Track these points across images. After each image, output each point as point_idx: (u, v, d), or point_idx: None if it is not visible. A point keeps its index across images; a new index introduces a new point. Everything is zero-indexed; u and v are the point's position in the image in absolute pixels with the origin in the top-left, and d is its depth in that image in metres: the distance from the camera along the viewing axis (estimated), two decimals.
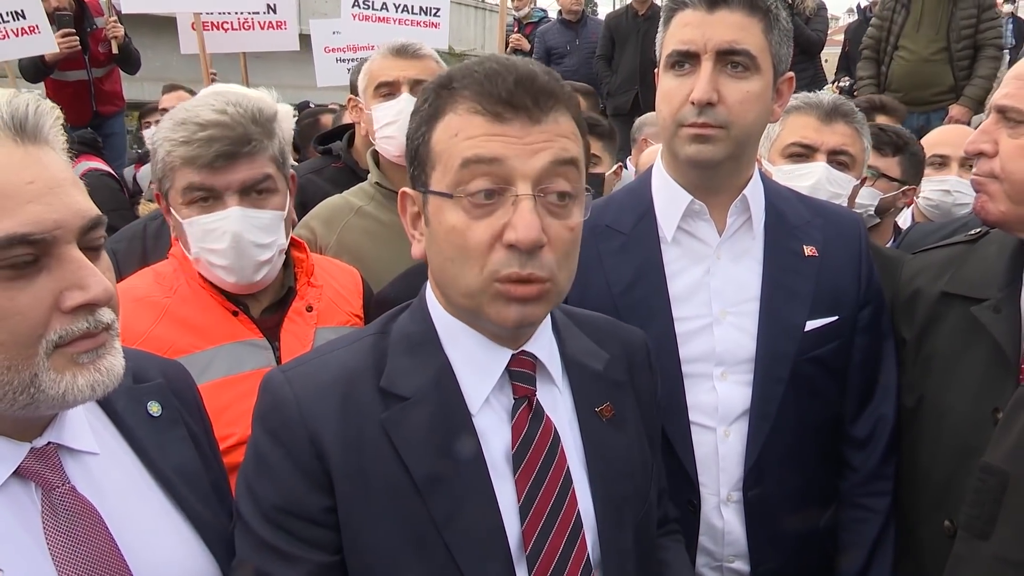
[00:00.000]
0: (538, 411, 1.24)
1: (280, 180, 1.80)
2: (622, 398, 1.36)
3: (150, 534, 1.14)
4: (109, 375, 1.05)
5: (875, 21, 5.74)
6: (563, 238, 1.16)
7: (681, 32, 1.63)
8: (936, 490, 1.68)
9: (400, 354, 1.23)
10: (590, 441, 1.29)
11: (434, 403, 1.19)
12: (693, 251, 1.74)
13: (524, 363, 1.25)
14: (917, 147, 2.80)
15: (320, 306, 1.91)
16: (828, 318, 1.73)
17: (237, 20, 5.46)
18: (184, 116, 1.70)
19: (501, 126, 1.12)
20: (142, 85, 7.80)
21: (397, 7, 5.03)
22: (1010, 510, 1.27)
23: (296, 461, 1.15)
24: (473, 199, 1.12)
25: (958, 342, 1.69)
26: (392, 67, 2.58)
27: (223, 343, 1.77)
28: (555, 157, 1.14)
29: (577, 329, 1.38)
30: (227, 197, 1.72)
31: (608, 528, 1.26)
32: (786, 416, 1.69)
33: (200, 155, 1.67)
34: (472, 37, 18.04)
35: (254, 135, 1.71)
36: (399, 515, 1.15)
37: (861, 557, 1.77)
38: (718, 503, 1.71)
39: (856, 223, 1.87)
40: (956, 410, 1.65)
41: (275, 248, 1.79)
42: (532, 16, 8.87)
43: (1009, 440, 1.32)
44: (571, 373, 1.32)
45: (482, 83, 1.13)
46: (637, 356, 1.44)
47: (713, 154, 1.63)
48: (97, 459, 1.14)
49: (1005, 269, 1.66)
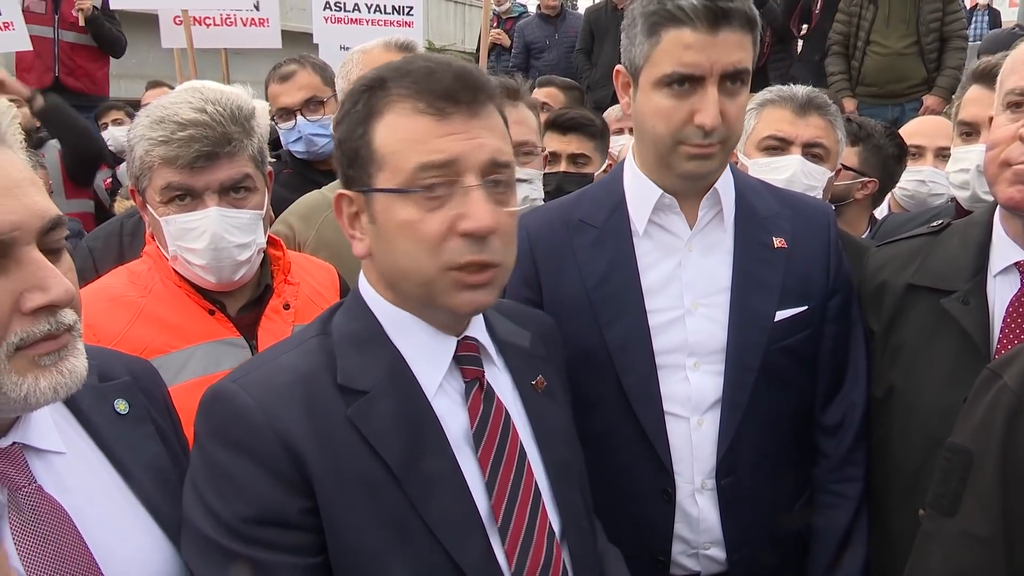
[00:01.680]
0: (489, 391, 1.31)
1: (259, 179, 1.80)
2: (548, 371, 1.44)
3: (118, 531, 1.14)
4: (71, 377, 1.04)
5: (841, 17, 5.78)
6: (508, 224, 1.22)
7: (682, 54, 1.57)
8: (908, 479, 1.71)
9: (348, 352, 1.24)
10: (532, 413, 1.37)
11: (394, 394, 1.23)
12: (665, 244, 1.76)
13: (469, 347, 1.32)
14: (884, 141, 2.76)
15: (297, 304, 1.91)
16: (798, 308, 1.75)
17: (220, 16, 5.43)
18: (162, 114, 1.68)
19: (446, 123, 1.17)
20: (118, 82, 7.70)
21: (369, 7, 5.04)
22: (974, 487, 1.31)
23: (268, 467, 1.14)
24: (425, 194, 1.17)
25: (926, 333, 1.72)
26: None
27: (200, 342, 1.76)
28: (496, 148, 1.20)
29: (497, 312, 1.44)
30: (206, 197, 1.71)
31: (561, 492, 1.35)
32: (758, 405, 1.71)
33: (180, 155, 1.65)
34: (452, 31, 17.98)
35: (234, 135, 1.69)
36: (379, 505, 1.17)
37: (834, 542, 1.80)
38: (693, 491, 1.73)
39: (825, 213, 1.89)
40: (926, 400, 1.68)
41: (254, 247, 1.79)
42: (512, 11, 8.86)
43: (973, 420, 1.35)
44: (504, 352, 1.39)
45: (420, 81, 1.18)
46: (549, 333, 1.54)
47: (711, 168, 1.68)
48: (63, 458, 1.13)
49: (970, 261, 1.69)
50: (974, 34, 9.60)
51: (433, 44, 16.30)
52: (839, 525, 1.81)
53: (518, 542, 1.24)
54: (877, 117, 5.44)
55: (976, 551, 1.28)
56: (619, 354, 1.71)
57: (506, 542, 1.23)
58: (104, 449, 1.20)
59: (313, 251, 2.36)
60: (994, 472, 1.27)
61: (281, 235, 2.48)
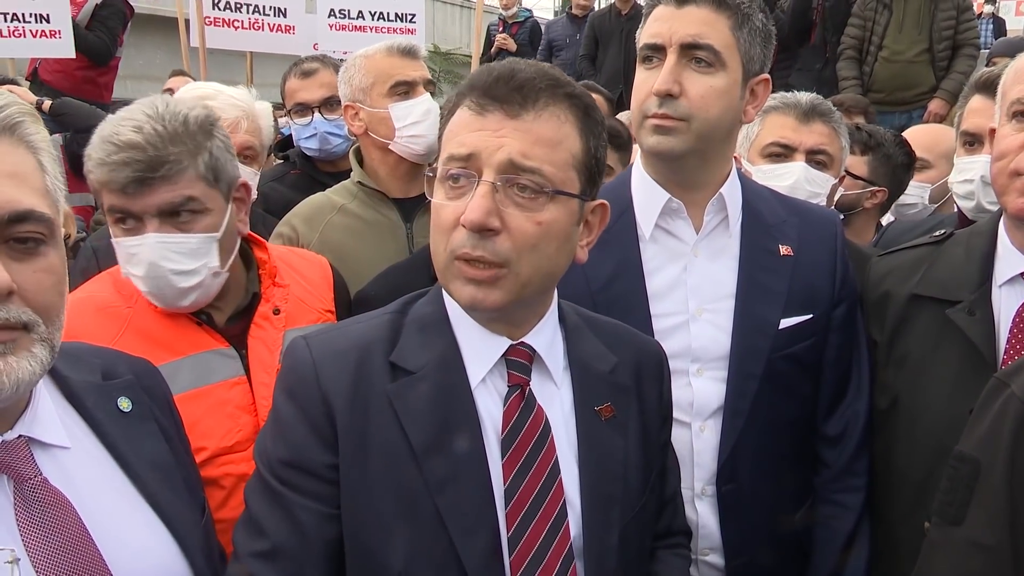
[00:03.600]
0: (530, 400, 1.28)
1: (213, 198, 1.67)
2: (625, 401, 1.38)
3: (123, 526, 1.15)
4: (7, 377, 0.99)
5: (855, 21, 5.76)
6: (525, 230, 1.19)
7: (651, 26, 1.69)
8: (914, 490, 1.70)
9: (413, 332, 1.30)
10: (585, 437, 1.32)
11: (437, 379, 1.26)
12: (670, 249, 1.76)
13: (521, 354, 1.30)
14: (894, 150, 2.75)
15: (288, 307, 1.86)
16: (802, 316, 1.75)
17: (248, 20, 5.55)
18: (107, 132, 1.60)
19: (481, 120, 1.20)
20: (125, 84, 7.73)
21: (373, 15, 5.15)
22: (981, 496, 1.30)
23: (308, 418, 1.23)
24: (448, 182, 1.22)
25: (931, 344, 1.71)
26: (407, 67, 2.58)
27: (188, 354, 1.70)
28: (520, 150, 1.18)
29: (589, 332, 1.42)
30: (147, 220, 1.61)
31: (594, 523, 1.29)
32: (760, 412, 1.71)
33: (112, 179, 1.57)
34: (458, 35, 18.03)
35: (169, 157, 1.58)
36: (393, 479, 1.21)
37: (835, 552, 1.80)
38: (692, 497, 1.73)
39: (832, 222, 1.89)
40: (931, 411, 1.67)
41: (204, 273, 1.66)
42: (518, 16, 8.90)
43: (980, 429, 1.35)
44: (574, 371, 1.36)
45: (481, 79, 1.23)
46: (648, 365, 1.45)
47: (673, 146, 1.66)
48: (68, 453, 1.14)
49: (975, 271, 1.69)
50: (980, 42, 9.60)
51: (439, 48, 16.34)
52: (840, 534, 1.80)
53: (527, 557, 1.22)
54: (884, 124, 5.45)
55: (982, 560, 1.27)
56: None
57: (513, 553, 1.22)
58: (108, 445, 1.21)
59: (317, 253, 2.35)
60: (1001, 481, 1.26)
61: (284, 237, 2.48)
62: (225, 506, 1.60)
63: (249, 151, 2.52)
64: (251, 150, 2.53)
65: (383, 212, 2.52)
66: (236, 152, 2.42)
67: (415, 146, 2.51)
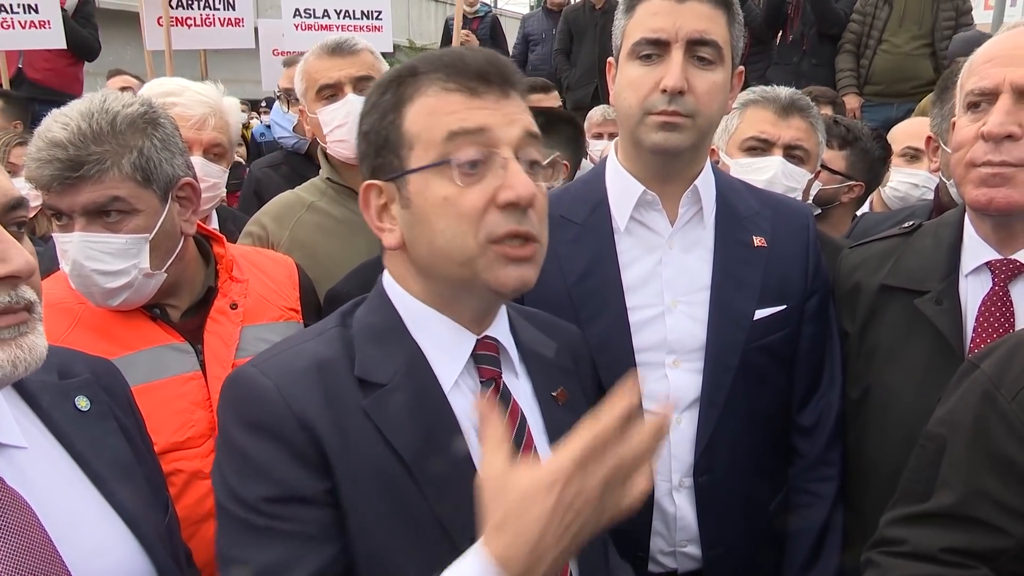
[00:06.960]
0: (505, 392, 1.28)
1: (143, 199, 1.62)
2: (572, 385, 1.40)
3: (82, 526, 1.13)
4: (31, 353, 1.03)
5: (856, 16, 5.83)
6: (541, 201, 1.20)
7: (651, 20, 1.63)
8: (885, 480, 1.69)
9: (367, 344, 1.23)
10: (551, 424, 1.32)
11: (411, 387, 1.21)
12: (645, 241, 1.76)
13: (488, 347, 1.28)
14: (871, 144, 2.76)
15: (247, 303, 1.83)
16: (776, 307, 1.76)
17: (200, 17, 5.50)
18: (43, 128, 1.58)
19: (479, 99, 1.17)
20: (95, 79, 7.62)
21: (339, 13, 5.12)
22: (946, 471, 1.32)
23: (288, 447, 1.13)
24: (462, 168, 1.14)
25: (900, 334, 1.73)
26: (331, 67, 2.53)
27: (141, 348, 1.68)
28: (527, 127, 1.19)
29: (525, 320, 1.42)
30: (76, 219, 1.59)
31: None
32: (736, 403, 1.72)
33: (39, 176, 1.56)
34: (433, 31, 17.97)
35: (91, 157, 1.54)
36: (391, 497, 1.16)
37: (810, 541, 1.81)
38: (670, 489, 1.73)
39: (804, 214, 1.90)
40: (902, 401, 1.69)
41: (133, 273, 1.63)
42: (479, 11, 8.83)
43: (947, 406, 1.37)
44: (527, 359, 1.36)
45: (451, 65, 1.19)
46: (579, 348, 1.49)
47: (680, 142, 1.65)
48: (25, 453, 1.12)
49: (943, 261, 1.70)
50: None
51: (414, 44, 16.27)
52: (814, 524, 1.81)
53: None
54: (880, 116, 5.48)
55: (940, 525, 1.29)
56: (599, 351, 1.69)
57: None
58: (66, 445, 1.19)
59: (287, 252, 2.29)
60: (964, 449, 1.28)
61: (254, 235, 2.45)
62: (176, 503, 1.53)
63: (217, 148, 2.47)
64: (219, 147, 2.48)
65: (352, 208, 2.48)
66: (204, 150, 2.41)
67: (343, 150, 2.50)
